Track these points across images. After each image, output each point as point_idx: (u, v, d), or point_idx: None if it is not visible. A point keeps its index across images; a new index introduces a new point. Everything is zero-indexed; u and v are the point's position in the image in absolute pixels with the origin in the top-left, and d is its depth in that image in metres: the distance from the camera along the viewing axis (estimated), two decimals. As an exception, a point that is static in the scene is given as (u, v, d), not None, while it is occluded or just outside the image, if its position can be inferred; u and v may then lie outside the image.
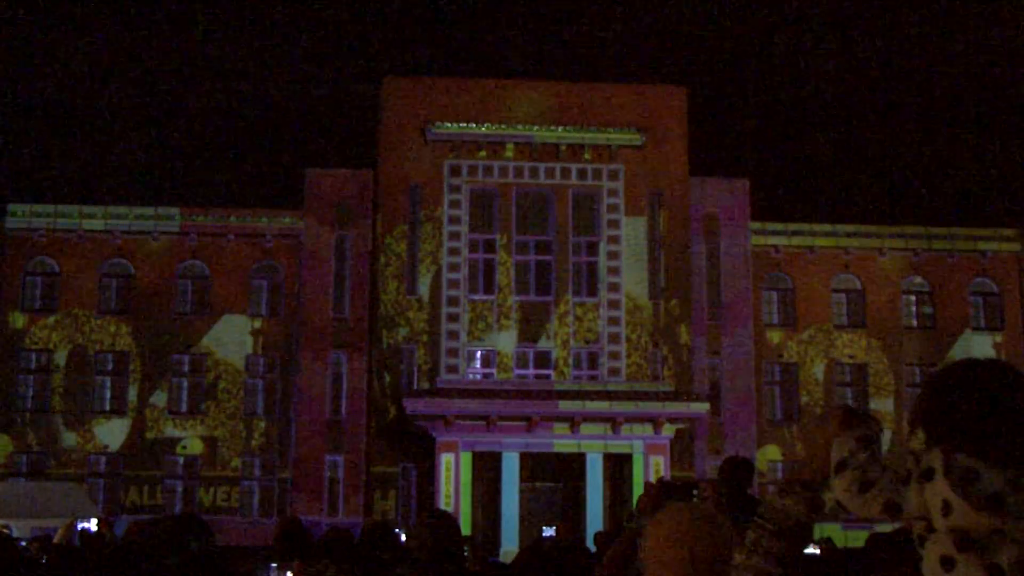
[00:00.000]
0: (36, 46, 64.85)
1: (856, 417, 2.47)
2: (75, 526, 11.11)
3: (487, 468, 33.98)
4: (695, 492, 3.72)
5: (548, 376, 35.96)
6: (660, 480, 3.83)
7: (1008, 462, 2.23)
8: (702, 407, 34.28)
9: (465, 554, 5.05)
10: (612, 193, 37.23)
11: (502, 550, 31.39)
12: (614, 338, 36.38)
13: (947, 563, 2.24)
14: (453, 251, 36.52)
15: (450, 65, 64.89)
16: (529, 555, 5.29)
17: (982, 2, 67.18)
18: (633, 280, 36.79)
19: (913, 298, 39.59)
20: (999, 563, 2.19)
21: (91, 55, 67.19)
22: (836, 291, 39.15)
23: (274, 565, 6.40)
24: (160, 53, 66.49)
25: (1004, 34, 66.93)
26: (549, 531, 28.24)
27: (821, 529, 20.75)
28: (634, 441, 33.63)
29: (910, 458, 2.35)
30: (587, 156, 37.25)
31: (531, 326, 36.46)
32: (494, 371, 36.16)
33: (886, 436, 37.47)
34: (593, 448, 33.60)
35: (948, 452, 2.27)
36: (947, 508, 2.23)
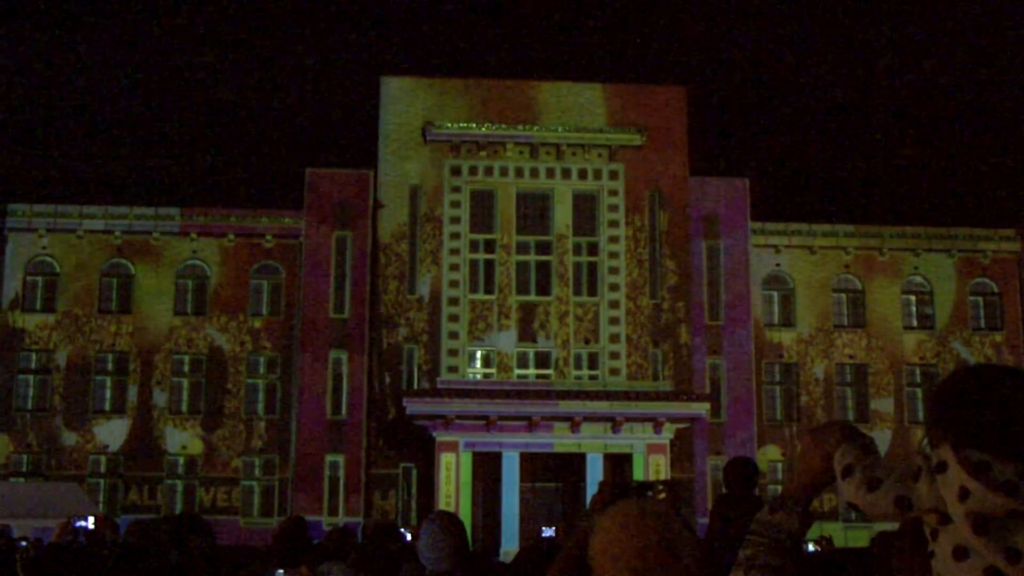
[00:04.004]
0: (36, 46, 64.88)
1: (856, 430, 2.54)
2: (72, 525, 11.08)
3: (487, 468, 33.98)
4: (649, 491, 3.72)
5: (548, 376, 35.97)
6: (614, 478, 3.85)
7: (1016, 456, 2.29)
8: (702, 407, 34.28)
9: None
10: (612, 193, 37.23)
11: (502, 550, 31.40)
12: (614, 338, 36.38)
13: (960, 554, 2.28)
14: (453, 251, 36.52)
15: (450, 65, 64.87)
16: (528, 555, 5.29)
17: (982, 2, 67.20)
18: (633, 280, 36.79)
19: (913, 298, 39.60)
20: (1016, 545, 2.22)
21: (91, 55, 67.19)
22: (836, 291, 39.16)
23: (280, 572, 6.34)
24: (161, 53, 66.49)
25: (1004, 34, 66.94)
26: (549, 531, 28.22)
27: (820, 528, 20.76)
28: (634, 441, 33.63)
29: (918, 456, 2.41)
30: (587, 156, 37.26)
31: (531, 326, 36.47)
32: (494, 371, 36.17)
33: (886, 435, 37.48)
34: (593, 448, 33.59)
35: (958, 448, 2.33)
36: (964, 493, 2.28)
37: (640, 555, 2.51)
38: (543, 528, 30.87)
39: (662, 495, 3.63)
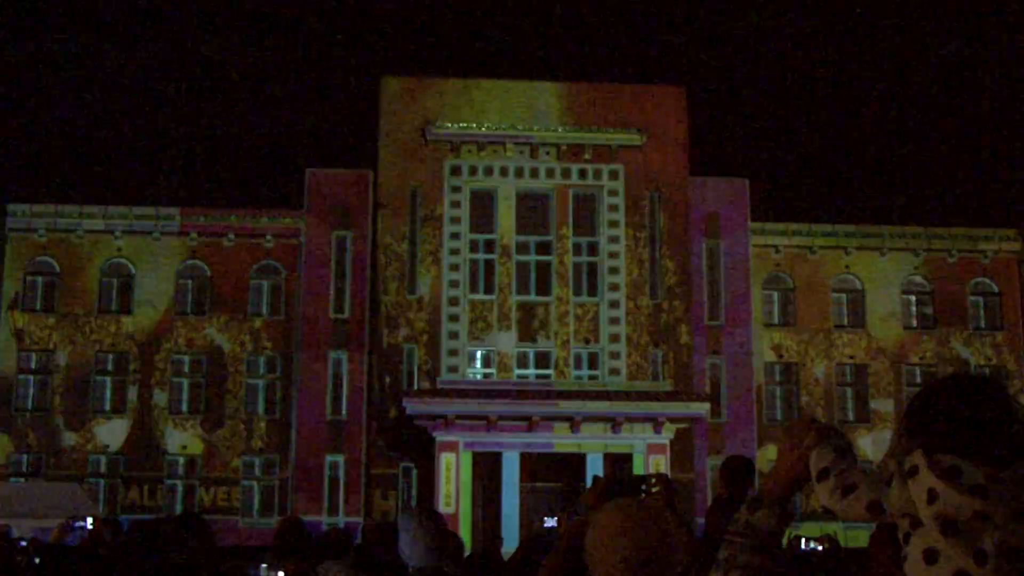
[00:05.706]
0: (36, 46, 64.91)
1: (831, 429, 2.56)
2: (71, 526, 11.09)
3: (487, 468, 33.98)
4: (643, 487, 3.72)
5: (548, 376, 35.96)
6: (608, 474, 3.86)
7: (985, 461, 2.32)
8: (702, 407, 34.27)
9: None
10: (612, 193, 37.22)
11: (502, 550, 31.36)
12: (614, 338, 36.37)
13: (930, 556, 2.30)
14: (453, 251, 36.51)
15: (450, 65, 64.86)
16: (528, 545, 5.28)
17: (982, 2, 67.18)
18: (633, 280, 36.79)
19: (913, 298, 39.58)
20: (983, 548, 2.24)
21: (91, 55, 67.19)
22: (836, 291, 39.15)
23: (264, 566, 6.33)
24: (160, 53, 66.52)
25: (1004, 34, 66.95)
26: (551, 521, 28.19)
27: (821, 528, 20.77)
28: (634, 441, 33.62)
29: (891, 461, 2.43)
30: (587, 156, 37.25)
31: (531, 326, 36.47)
32: (494, 371, 36.17)
33: (886, 436, 37.47)
34: (593, 448, 33.59)
35: (929, 452, 2.36)
36: (932, 496, 2.31)
37: (636, 551, 2.52)
38: (545, 518, 30.87)
39: (655, 488, 3.65)
